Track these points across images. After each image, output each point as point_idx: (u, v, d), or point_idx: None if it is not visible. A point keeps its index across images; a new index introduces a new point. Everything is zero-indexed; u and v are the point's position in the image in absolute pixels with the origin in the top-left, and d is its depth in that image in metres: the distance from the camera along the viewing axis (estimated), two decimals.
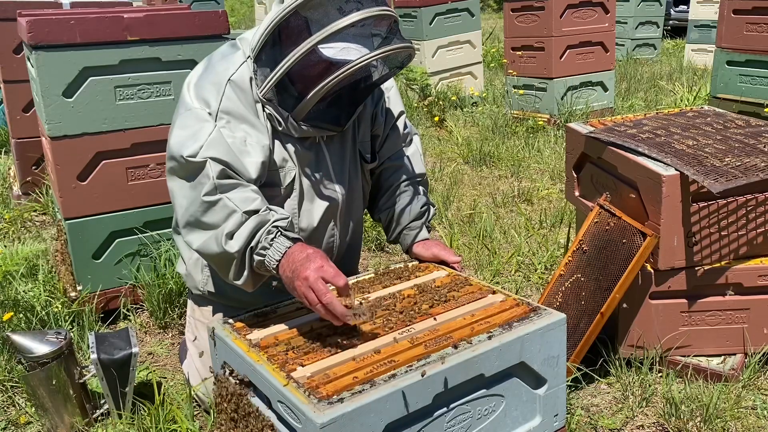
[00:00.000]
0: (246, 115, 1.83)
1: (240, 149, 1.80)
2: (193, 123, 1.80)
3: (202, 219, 1.74)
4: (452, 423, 1.53)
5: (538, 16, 5.91)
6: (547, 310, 1.70)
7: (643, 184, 2.26)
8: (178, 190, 1.79)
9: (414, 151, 2.22)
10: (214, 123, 1.79)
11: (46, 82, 2.57)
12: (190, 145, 1.75)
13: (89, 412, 2.20)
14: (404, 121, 2.20)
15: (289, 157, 1.91)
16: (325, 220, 2.04)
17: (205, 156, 1.73)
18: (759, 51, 4.02)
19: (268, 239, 1.68)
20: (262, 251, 1.68)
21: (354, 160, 2.07)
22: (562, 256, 2.74)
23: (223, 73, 1.85)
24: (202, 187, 1.73)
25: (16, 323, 2.62)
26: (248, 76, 1.85)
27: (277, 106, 1.84)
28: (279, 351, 1.57)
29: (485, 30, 10.59)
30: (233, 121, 1.81)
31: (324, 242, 2.07)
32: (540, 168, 4.96)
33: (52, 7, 3.76)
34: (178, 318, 2.84)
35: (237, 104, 1.82)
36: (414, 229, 2.13)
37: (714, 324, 2.35)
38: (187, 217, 1.78)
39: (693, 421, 2.11)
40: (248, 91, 1.84)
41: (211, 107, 1.81)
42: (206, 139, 1.76)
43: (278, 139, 1.90)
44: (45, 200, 4.10)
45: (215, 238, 1.71)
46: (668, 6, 11.54)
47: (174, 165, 1.79)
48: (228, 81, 1.83)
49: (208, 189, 1.72)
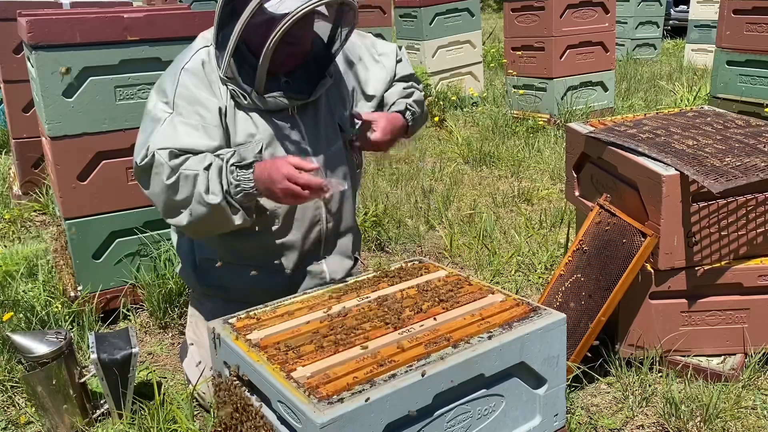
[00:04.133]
0: (199, 99, 1.95)
1: (194, 132, 1.92)
2: (147, 127, 1.95)
3: (176, 199, 1.88)
4: (452, 423, 1.53)
5: (538, 16, 5.91)
6: (547, 310, 1.70)
7: (643, 184, 2.26)
8: (150, 191, 1.94)
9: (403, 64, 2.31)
10: (169, 112, 1.93)
11: (46, 82, 2.57)
12: (140, 151, 1.92)
13: (89, 412, 2.20)
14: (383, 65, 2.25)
15: (257, 131, 1.99)
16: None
17: (152, 150, 1.88)
18: (759, 51, 4.02)
19: (232, 178, 1.84)
20: (237, 189, 1.85)
21: (333, 133, 2.11)
22: (562, 256, 2.74)
23: (178, 64, 2.00)
24: (162, 175, 1.87)
25: (16, 323, 2.62)
26: (202, 60, 1.98)
27: (240, 83, 1.94)
28: (279, 351, 1.57)
29: (485, 30, 10.59)
30: (187, 106, 1.94)
31: (309, 219, 2.10)
32: (540, 168, 4.96)
33: (52, 7, 3.76)
34: (178, 318, 2.84)
35: (190, 90, 1.95)
36: (395, 104, 2.22)
37: (714, 324, 2.35)
38: (165, 207, 1.93)
39: (693, 421, 2.11)
40: (202, 76, 1.97)
41: (168, 97, 1.95)
42: (152, 138, 1.90)
43: (245, 114, 1.99)
44: (45, 200, 4.10)
45: (197, 203, 1.86)
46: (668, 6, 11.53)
47: (138, 173, 1.95)
48: (182, 70, 1.96)
49: (167, 173, 1.87)
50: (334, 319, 1.71)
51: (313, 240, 2.14)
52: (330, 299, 1.84)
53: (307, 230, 2.11)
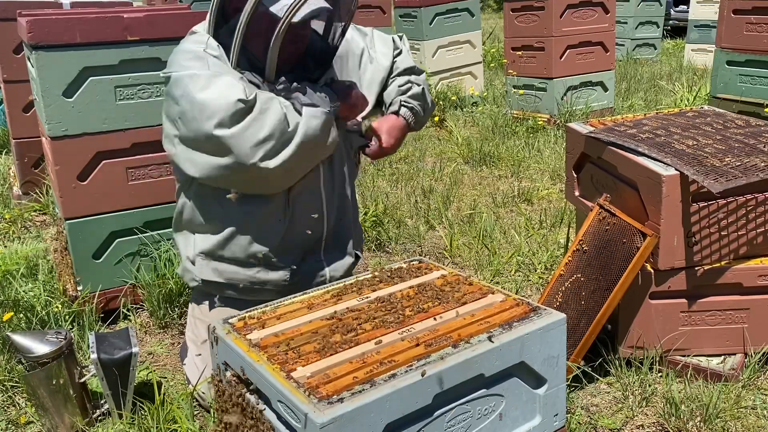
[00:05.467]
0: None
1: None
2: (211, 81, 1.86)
3: (289, 130, 1.87)
4: (452, 423, 1.54)
5: (538, 16, 5.91)
6: (547, 310, 1.70)
7: (643, 184, 2.26)
8: (255, 130, 1.83)
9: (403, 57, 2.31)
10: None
11: (46, 82, 2.57)
12: (237, 89, 1.83)
13: (89, 412, 2.20)
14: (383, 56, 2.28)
15: None
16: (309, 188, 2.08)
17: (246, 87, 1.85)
18: (759, 51, 4.02)
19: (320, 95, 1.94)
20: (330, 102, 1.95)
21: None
22: (562, 256, 2.74)
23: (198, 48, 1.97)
24: (276, 106, 1.86)
25: (16, 323, 2.62)
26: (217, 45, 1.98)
27: (250, 73, 1.94)
28: (279, 351, 1.57)
29: (485, 30, 10.59)
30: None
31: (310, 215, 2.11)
32: (540, 168, 4.96)
33: (52, 7, 3.76)
34: (178, 318, 2.84)
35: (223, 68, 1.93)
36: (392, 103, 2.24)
37: (714, 324, 2.35)
38: (270, 147, 1.85)
39: (693, 421, 2.11)
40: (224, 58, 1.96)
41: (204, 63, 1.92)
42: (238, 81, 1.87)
43: None
44: (45, 200, 4.10)
45: (312, 118, 1.89)
46: (668, 6, 11.54)
47: (239, 112, 1.82)
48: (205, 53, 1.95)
49: (279, 104, 1.86)
50: (335, 319, 1.71)
51: (314, 236, 2.14)
52: (330, 299, 1.84)
53: (308, 226, 2.11)
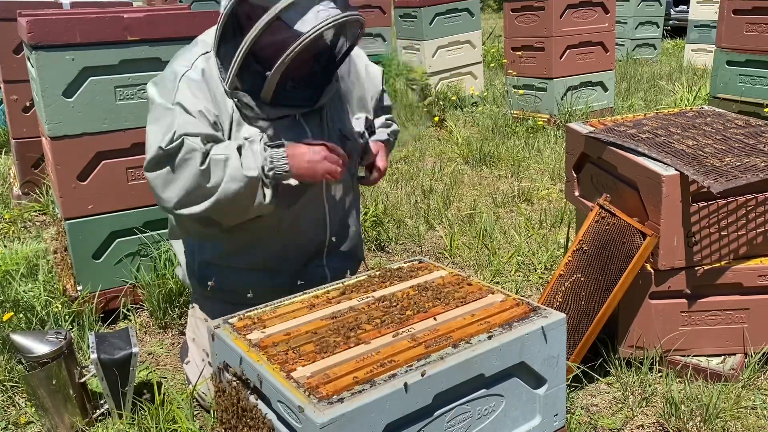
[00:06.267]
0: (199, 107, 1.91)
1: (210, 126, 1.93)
2: (161, 114, 1.91)
3: (207, 185, 1.87)
4: (452, 423, 1.53)
5: (538, 16, 5.91)
6: (547, 310, 1.70)
7: (643, 184, 2.26)
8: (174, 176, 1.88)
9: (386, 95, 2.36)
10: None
11: (46, 82, 2.57)
12: (163, 137, 1.87)
13: (89, 412, 2.20)
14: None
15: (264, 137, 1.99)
16: (310, 198, 2.08)
17: (179, 135, 1.85)
18: (759, 51, 4.02)
19: (267, 155, 1.87)
20: (272, 166, 1.87)
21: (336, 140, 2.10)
22: (562, 256, 2.74)
23: (178, 67, 1.96)
24: (195, 160, 1.85)
25: (16, 323, 2.62)
26: (202, 69, 1.94)
27: (245, 95, 1.91)
28: (279, 351, 1.57)
29: (485, 30, 10.59)
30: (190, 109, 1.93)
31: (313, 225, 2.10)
32: (540, 168, 4.96)
33: (52, 7, 3.76)
34: (178, 318, 2.84)
35: (191, 99, 1.91)
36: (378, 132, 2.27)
37: (714, 324, 2.35)
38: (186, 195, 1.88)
39: (693, 421, 2.11)
40: (204, 87, 1.93)
41: (170, 99, 1.92)
42: (176, 123, 1.87)
43: (248, 123, 1.97)
44: (45, 200, 4.10)
45: (230, 180, 1.85)
46: (668, 6, 11.54)
47: (158, 160, 1.88)
48: (182, 77, 1.92)
49: (200, 158, 1.85)
50: (335, 319, 1.71)
51: (316, 246, 2.14)
52: (330, 299, 1.84)
53: (310, 236, 2.11)
